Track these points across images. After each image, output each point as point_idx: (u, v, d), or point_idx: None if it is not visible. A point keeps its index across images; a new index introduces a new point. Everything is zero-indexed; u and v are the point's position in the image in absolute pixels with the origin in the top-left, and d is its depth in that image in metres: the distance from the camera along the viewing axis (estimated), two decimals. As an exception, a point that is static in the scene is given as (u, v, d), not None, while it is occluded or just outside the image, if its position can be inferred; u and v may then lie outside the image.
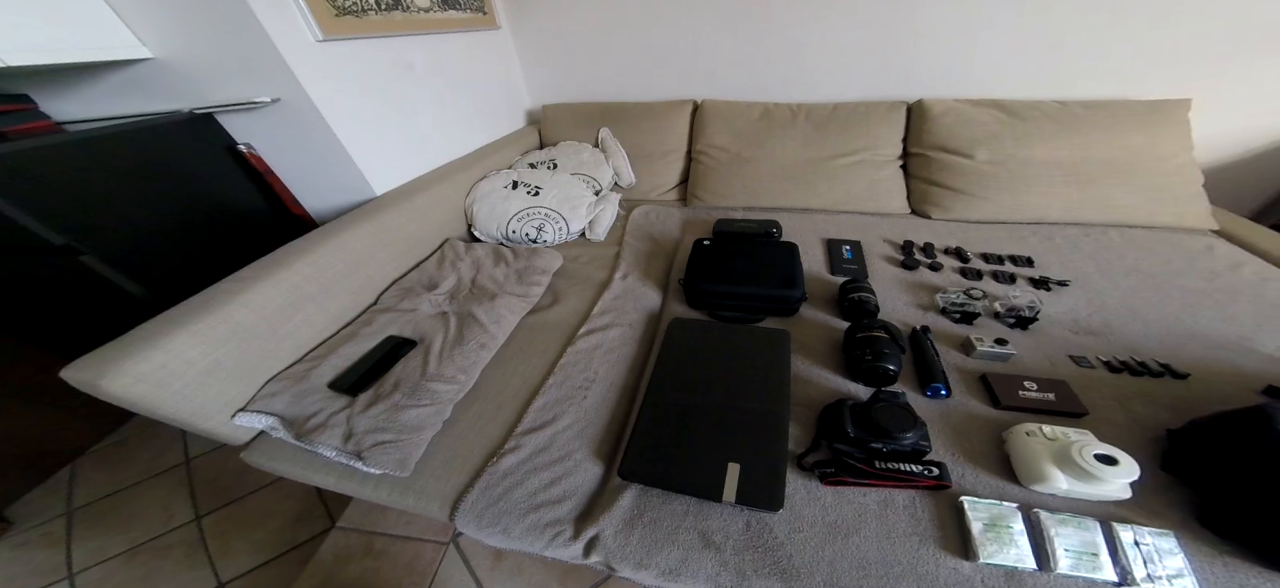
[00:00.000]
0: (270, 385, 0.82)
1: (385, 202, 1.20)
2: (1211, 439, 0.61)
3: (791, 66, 1.62)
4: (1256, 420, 0.57)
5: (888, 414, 0.64)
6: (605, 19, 1.66)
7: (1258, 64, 1.29)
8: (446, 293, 1.10)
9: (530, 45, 1.80)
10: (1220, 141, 1.42)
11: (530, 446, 0.74)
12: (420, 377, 0.82)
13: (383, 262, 1.13)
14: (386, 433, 0.72)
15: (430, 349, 0.89)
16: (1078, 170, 1.28)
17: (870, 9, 1.45)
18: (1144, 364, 0.79)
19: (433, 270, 1.19)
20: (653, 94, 1.77)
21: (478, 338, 0.92)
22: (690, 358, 0.86)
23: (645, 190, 1.67)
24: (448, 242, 1.31)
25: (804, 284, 1.01)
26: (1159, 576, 0.54)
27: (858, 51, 1.53)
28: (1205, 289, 0.99)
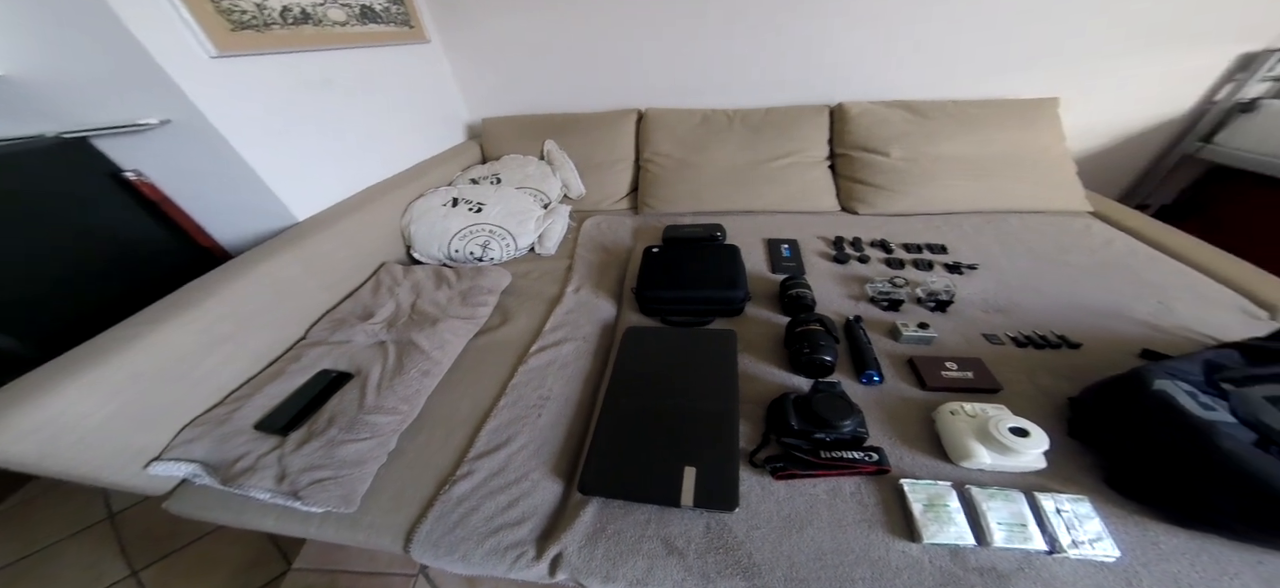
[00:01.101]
0: (187, 431, 0.76)
1: (309, 227, 1.12)
2: (1102, 405, 0.67)
3: (725, 73, 1.68)
4: (1134, 384, 0.64)
5: (826, 404, 0.68)
6: (541, 32, 1.66)
7: (1112, 66, 1.50)
8: (384, 321, 1.04)
9: (465, 59, 1.75)
10: (1087, 133, 1.64)
11: (484, 469, 0.73)
12: (358, 410, 0.78)
13: (310, 292, 1.06)
14: (324, 470, 0.68)
15: (368, 381, 0.84)
16: (977, 164, 1.42)
17: (793, 19, 1.54)
18: (1044, 337, 0.88)
19: (367, 298, 1.12)
20: (597, 104, 1.78)
21: (420, 366, 0.88)
22: (645, 366, 0.87)
23: (597, 200, 1.67)
24: (384, 266, 1.24)
25: (747, 284, 1.05)
26: (1082, 541, 0.57)
27: (784, 58, 1.63)
28: (1087, 265, 1.13)
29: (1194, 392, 0.61)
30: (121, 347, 0.72)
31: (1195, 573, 0.55)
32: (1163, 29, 1.42)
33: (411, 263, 1.34)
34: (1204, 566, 0.55)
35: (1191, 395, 0.59)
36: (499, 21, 1.65)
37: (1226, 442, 0.54)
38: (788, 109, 1.64)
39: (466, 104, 1.87)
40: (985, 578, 0.56)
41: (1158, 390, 0.60)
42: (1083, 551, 0.56)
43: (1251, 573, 0.54)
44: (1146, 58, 1.48)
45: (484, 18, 1.65)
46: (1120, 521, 0.60)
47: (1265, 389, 0.61)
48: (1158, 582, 0.55)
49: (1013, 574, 0.56)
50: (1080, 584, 0.55)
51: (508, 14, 1.63)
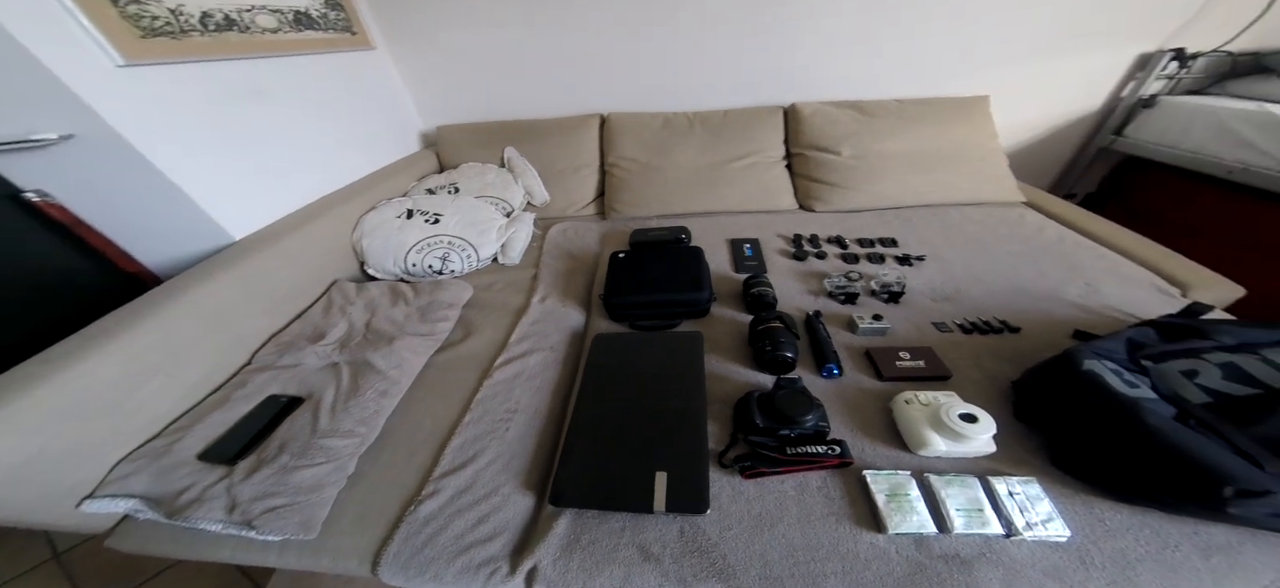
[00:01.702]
0: (123, 466, 0.72)
1: (248, 247, 1.05)
2: (1040, 387, 0.71)
3: (684, 76, 1.71)
4: (1065, 365, 0.68)
5: (788, 401, 0.69)
6: (496, 39, 1.62)
7: (1034, 66, 1.63)
8: (336, 342, 0.99)
9: (417, 66, 1.69)
10: (1017, 129, 1.78)
11: (451, 487, 0.71)
12: (311, 435, 0.75)
13: (252, 316, 0.99)
14: (278, 497, 0.66)
15: (321, 405, 0.81)
16: (920, 159, 1.50)
17: (749, 23, 1.58)
18: (988, 323, 0.94)
19: (318, 319, 1.06)
20: (558, 109, 1.76)
21: (376, 386, 0.85)
22: (614, 373, 0.86)
23: (562, 207, 1.65)
24: (335, 284, 1.18)
25: (711, 285, 1.06)
26: (1034, 522, 0.59)
27: (740, 61, 1.67)
28: (1022, 252, 1.22)
29: (1119, 370, 0.66)
30: (33, 384, 0.66)
31: (1140, 548, 0.58)
32: (1073, 31, 1.55)
33: (366, 280, 1.28)
34: (1147, 540, 0.59)
35: (1117, 374, 0.64)
36: (450, 29, 1.60)
37: (1150, 418, 0.58)
38: (745, 111, 1.68)
39: (420, 112, 1.81)
40: (950, 565, 0.58)
41: (1086, 371, 0.64)
42: (1036, 532, 0.59)
43: (1190, 544, 0.58)
44: (1062, 58, 1.62)
45: (434, 25, 1.60)
46: (1068, 500, 0.63)
47: (1180, 364, 0.67)
48: (1107, 559, 0.57)
49: (975, 560, 0.58)
50: (1038, 566, 0.57)
51: (459, 21, 1.59)
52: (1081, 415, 0.64)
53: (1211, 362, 0.65)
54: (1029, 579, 0.56)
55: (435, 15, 1.58)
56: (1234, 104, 1.44)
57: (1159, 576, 0.55)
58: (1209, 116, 1.48)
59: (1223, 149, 1.44)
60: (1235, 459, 0.55)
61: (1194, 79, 1.61)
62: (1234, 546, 0.57)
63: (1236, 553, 0.57)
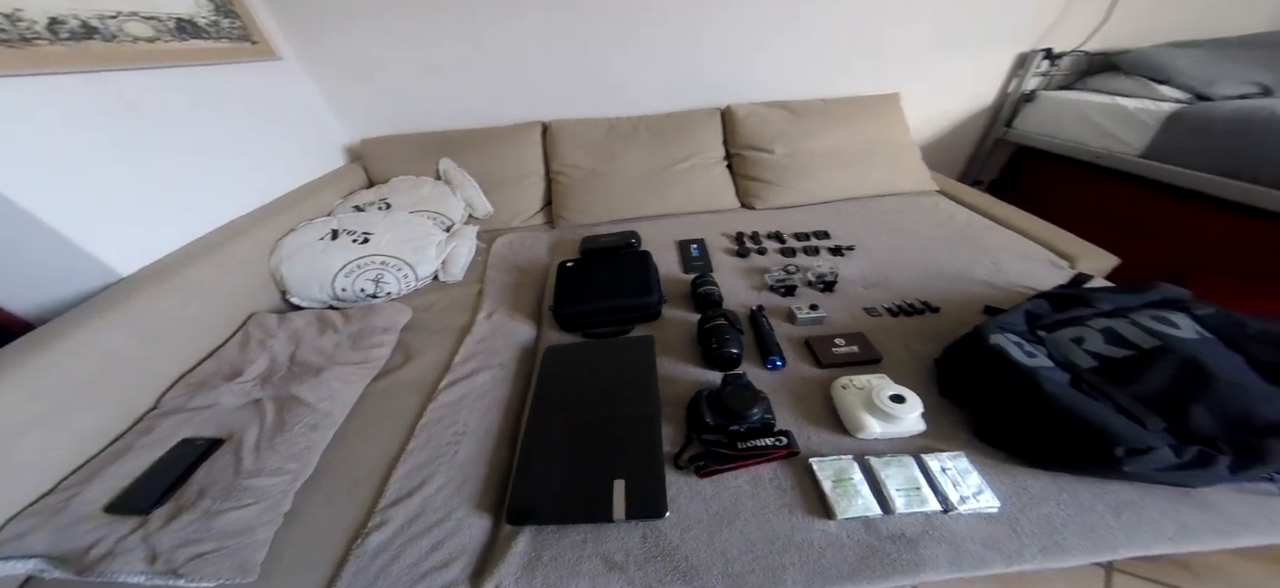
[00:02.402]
0: (15, 525, 0.66)
1: (139, 284, 0.93)
2: (957, 362, 0.77)
3: (624, 81, 1.72)
4: (974, 341, 0.75)
5: (734, 396, 0.71)
6: (420, 47, 1.55)
7: (935, 65, 1.80)
8: (257, 378, 0.91)
9: (333, 76, 1.57)
10: (927, 123, 1.95)
11: (400, 516, 0.68)
12: (234, 476, 0.71)
13: (152, 359, 0.89)
14: (205, 543, 0.63)
15: (243, 445, 0.76)
16: (844, 155, 1.61)
17: (680, 28, 1.62)
18: (912, 305, 1.01)
19: (234, 355, 0.97)
20: (495, 118, 1.71)
21: (306, 420, 0.80)
22: (567, 384, 0.85)
23: (507, 218, 1.61)
24: (253, 317, 1.07)
25: (661, 287, 1.07)
26: (967, 496, 0.62)
27: (675, 64, 1.70)
28: (938, 237, 1.33)
29: (1020, 341, 0.73)
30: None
31: (1062, 512, 0.62)
32: (964, 33, 1.73)
33: (289, 310, 1.18)
34: (1065, 504, 0.63)
35: (1018, 345, 0.72)
36: (368, 38, 1.51)
37: (1048, 386, 0.64)
38: (685, 113, 1.72)
39: (342, 124, 1.68)
40: (898, 545, 0.60)
41: (992, 345, 0.71)
42: (970, 505, 0.62)
43: (1103, 504, 0.62)
44: (958, 58, 1.80)
45: (348, 34, 1.50)
46: (993, 471, 0.67)
47: (1069, 332, 0.76)
48: (1035, 525, 0.61)
49: (920, 537, 0.61)
50: (975, 537, 0.60)
51: (377, 31, 1.50)
52: (992, 388, 0.70)
53: (1094, 328, 0.74)
54: (970, 552, 0.59)
55: (348, 24, 1.48)
56: (1093, 98, 1.67)
57: (1081, 537, 0.60)
58: (1075, 109, 1.70)
59: (1089, 137, 1.66)
60: (1121, 419, 0.61)
61: (1063, 76, 1.84)
62: (1137, 502, 0.62)
63: (1141, 509, 0.62)
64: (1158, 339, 0.68)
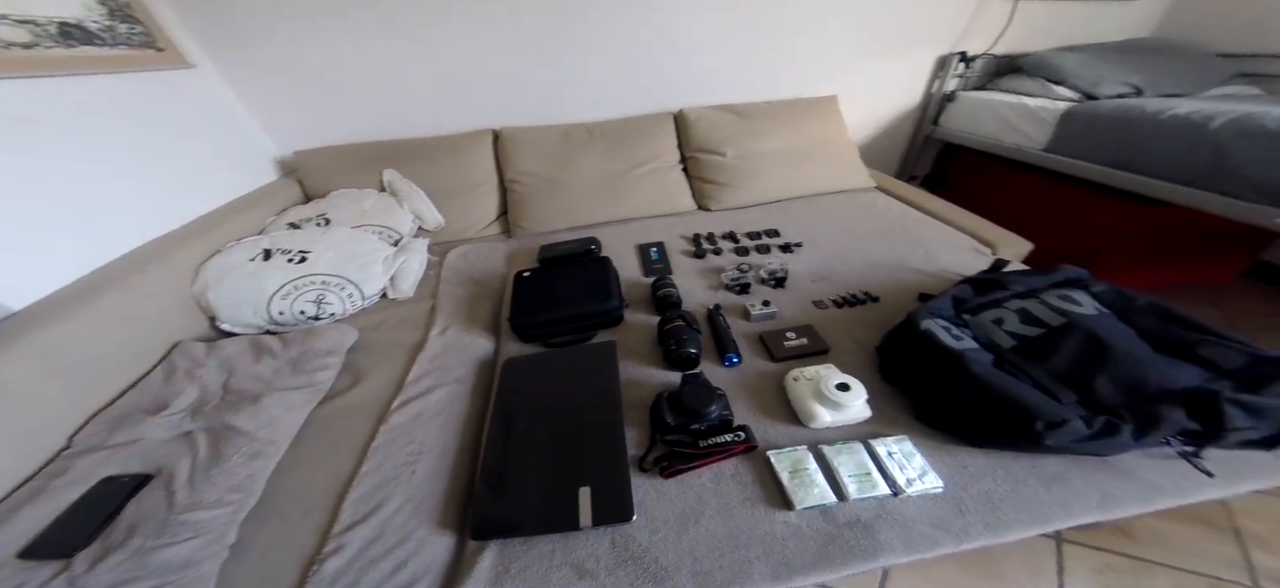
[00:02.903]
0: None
1: (36, 317, 0.83)
2: (895, 349, 0.83)
3: (576, 88, 1.72)
4: (908, 327, 0.80)
5: (693, 395, 0.73)
6: (353, 54, 1.47)
7: (868, 68, 1.92)
8: (185, 410, 0.85)
9: (259, 86, 1.46)
10: (864, 124, 2.08)
11: (357, 540, 0.66)
12: (168, 511, 0.67)
13: (59, 396, 0.81)
14: (142, 581, 0.60)
15: (175, 479, 0.72)
16: (790, 156, 1.68)
17: (630, 35, 1.64)
18: (855, 296, 1.08)
19: (158, 388, 0.89)
20: (441, 127, 1.66)
21: (244, 449, 0.76)
22: (528, 395, 0.85)
23: (460, 229, 1.56)
24: (178, 347, 0.99)
25: (621, 292, 1.08)
26: (913, 478, 0.64)
27: (628, 72, 1.73)
28: (876, 230, 1.42)
29: (948, 326, 0.79)
30: None
31: (999, 488, 0.65)
32: (891, 38, 1.87)
33: (219, 337, 1.09)
34: (1001, 479, 0.66)
35: (946, 329, 0.78)
36: (297, 44, 1.42)
37: (974, 367, 0.70)
38: (640, 118, 1.75)
39: (272, 137, 1.57)
40: (855, 531, 0.62)
41: (924, 330, 0.77)
42: (917, 487, 0.64)
43: (1034, 478, 0.66)
44: (886, 60, 1.93)
45: (271, 40, 1.40)
46: (934, 452, 0.70)
47: (990, 314, 0.83)
48: (976, 502, 0.64)
49: (874, 522, 0.63)
50: (924, 519, 0.63)
51: (305, 36, 1.41)
52: (927, 371, 0.75)
53: (1010, 309, 0.82)
54: (921, 533, 0.62)
55: (272, 30, 1.39)
56: (1003, 97, 1.84)
57: (1018, 510, 0.63)
58: (987, 107, 1.87)
59: (1002, 133, 1.83)
60: (1038, 394, 0.67)
61: (978, 77, 2.02)
62: (1063, 474, 0.66)
63: (1067, 480, 0.66)
64: (1063, 317, 0.76)
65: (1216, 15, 1.87)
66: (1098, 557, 1.02)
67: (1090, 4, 1.92)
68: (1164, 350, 0.71)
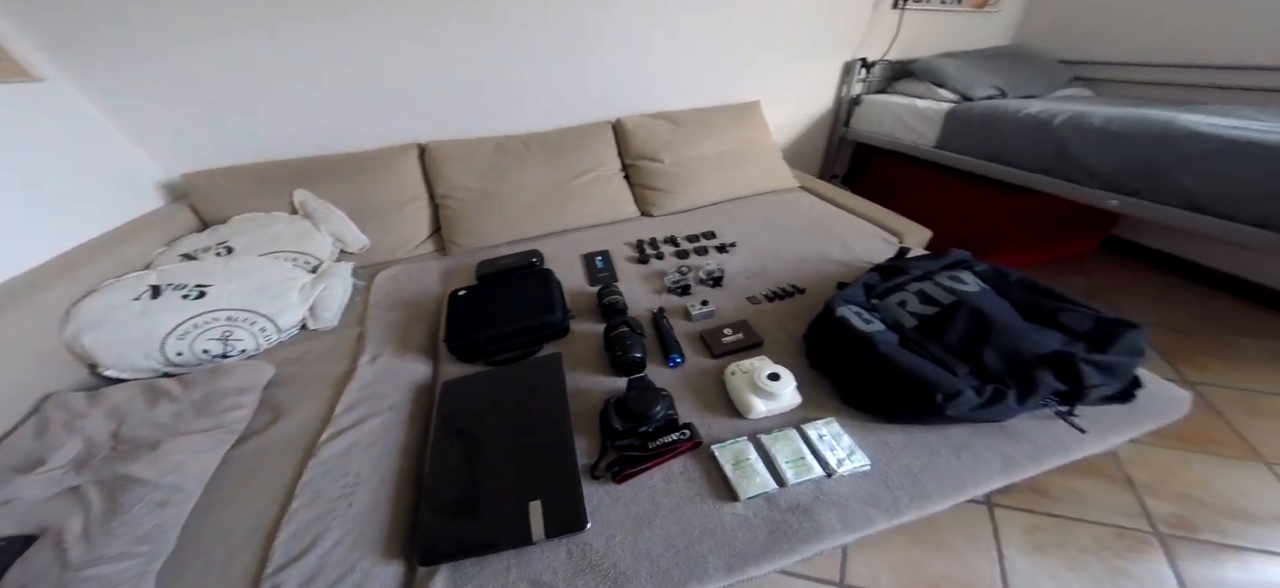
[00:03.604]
0: None
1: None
2: (817, 336, 0.90)
3: (507, 100, 1.70)
4: (825, 314, 0.88)
5: (638, 398, 0.75)
6: (243, 65, 1.35)
7: (786, 74, 2.06)
8: (68, 464, 0.76)
9: (131, 102, 1.29)
10: (787, 127, 2.23)
11: (294, 578, 0.63)
12: (61, 570, 0.61)
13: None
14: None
15: (65, 536, 0.65)
16: (723, 160, 1.77)
17: (562, 45, 1.65)
18: (784, 289, 1.16)
19: (29, 444, 0.79)
20: (358, 142, 1.55)
21: (148, 497, 0.69)
22: (471, 416, 0.83)
23: (390, 249, 1.47)
24: (50, 399, 0.86)
25: (566, 304, 1.08)
26: (843, 458, 0.67)
27: (563, 83, 1.73)
28: (801, 227, 1.53)
29: (860, 311, 0.88)
30: None
31: (918, 461, 0.71)
32: (803, 46, 2.02)
33: (101, 384, 0.95)
34: (918, 452, 0.71)
35: (858, 314, 0.86)
36: (171, 55, 1.27)
37: (882, 347, 0.77)
38: (578, 128, 1.76)
39: (154, 159, 1.38)
40: (797, 515, 0.65)
41: (839, 316, 0.85)
42: (847, 466, 0.68)
43: (947, 448, 0.72)
44: (802, 67, 2.09)
45: (149, 50, 1.24)
46: (859, 432, 0.74)
47: (895, 297, 0.93)
48: (900, 476, 0.69)
49: (813, 504, 0.66)
50: (857, 497, 0.67)
51: (178, 46, 1.26)
52: (844, 355, 0.82)
53: (911, 292, 0.93)
54: (855, 510, 0.66)
55: (143, 40, 1.23)
56: (899, 99, 2.06)
57: (937, 479, 0.69)
58: (887, 109, 2.08)
59: (900, 132, 2.04)
60: (937, 369, 0.75)
61: (878, 81, 2.23)
62: (969, 441, 0.72)
63: (972, 447, 0.72)
64: (953, 295, 0.88)
65: (1057, 27, 2.22)
66: (1025, 518, 1.10)
67: (960, 15, 2.21)
68: (1033, 319, 0.84)
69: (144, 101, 1.30)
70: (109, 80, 1.24)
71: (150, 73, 1.27)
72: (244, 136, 1.44)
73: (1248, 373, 1.46)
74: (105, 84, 1.24)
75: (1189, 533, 1.06)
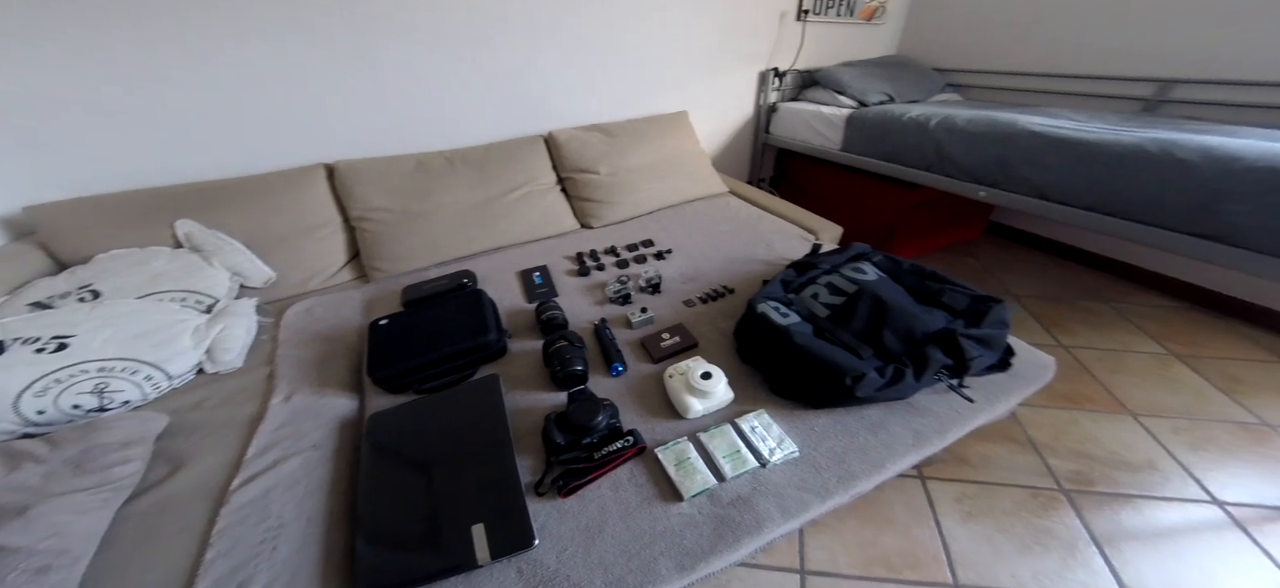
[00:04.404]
0: None
1: None
2: (743, 331, 0.96)
3: (424, 116, 1.63)
4: (748, 310, 0.94)
5: (579, 411, 0.75)
6: (96, 77, 1.17)
7: (709, 84, 2.17)
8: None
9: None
10: (714, 135, 2.34)
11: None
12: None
13: None
14: None
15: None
16: (657, 169, 1.83)
17: (486, 60, 1.63)
18: (716, 291, 1.22)
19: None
20: (253, 164, 1.40)
21: (24, 565, 0.61)
22: (404, 446, 0.80)
23: (301, 281, 1.34)
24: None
25: (501, 323, 1.06)
26: (774, 447, 0.71)
27: (486, 98, 1.69)
28: (730, 229, 1.62)
29: (778, 306, 0.96)
30: None
31: (841, 442, 0.76)
32: (722, 57, 2.15)
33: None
34: (840, 435, 0.76)
35: (776, 309, 0.94)
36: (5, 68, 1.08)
37: (797, 338, 0.84)
38: (506, 143, 1.72)
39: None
40: (738, 508, 0.68)
41: (760, 312, 0.91)
42: (778, 455, 0.71)
43: (865, 429, 0.78)
44: (723, 77, 2.22)
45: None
46: (787, 419, 0.79)
47: (809, 290, 1.02)
48: (827, 458, 0.74)
49: (752, 495, 0.70)
50: (790, 483, 0.71)
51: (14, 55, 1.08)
52: (767, 348, 0.89)
53: (821, 284, 1.02)
54: (789, 497, 0.69)
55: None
56: (807, 106, 2.25)
57: (860, 459, 0.75)
58: (798, 116, 2.27)
59: (811, 137, 2.23)
60: (845, 354, 0.83)
61: (790, 90, 2.42)
62: (882, 420, 0.79)
63: (887, 425, 0.78)
64: (855, 284, 0.98)
65: (930, 40, 2.54)
66: (955, 487, 1.17)
67: (854, 27, 2.45)
68: (923, 301, 0.96)
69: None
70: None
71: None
72: (106, 161, 1.25)
73: (1107, 335, 1.72)
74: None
75: (1087, 487, 1.17)
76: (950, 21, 2.44)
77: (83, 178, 1.23)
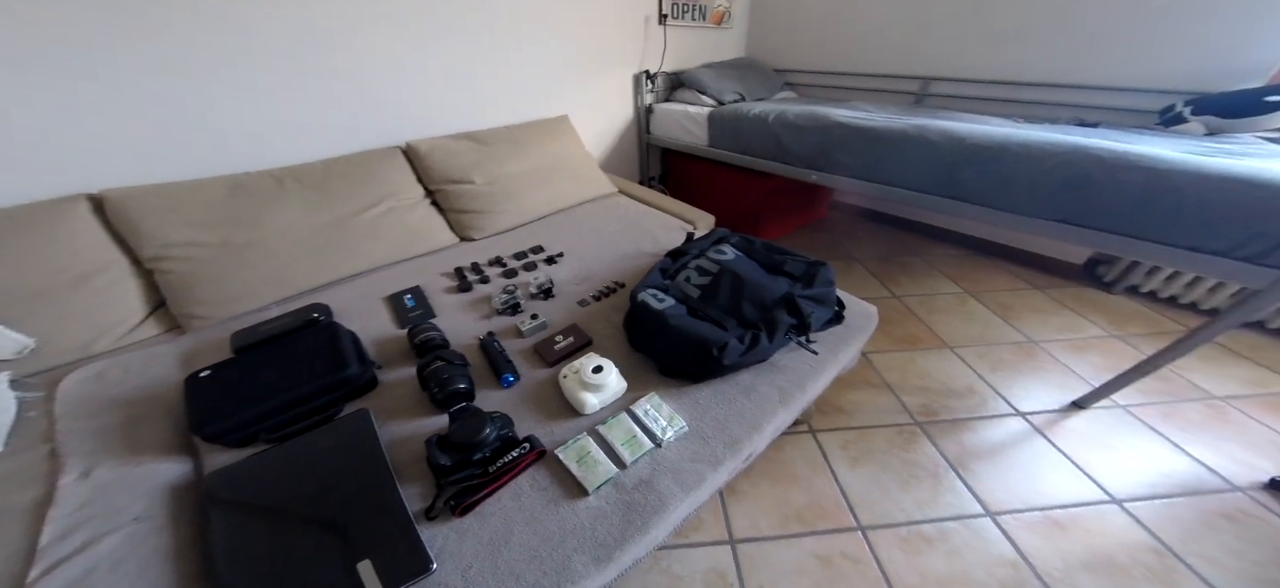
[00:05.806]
0: None
1: None
2: (630, 321, 1.01)
3: (235, 130, 1.37)
4: (631, 300, 0.99)
5: (461, 430, 0.73)
6: None
7: (587, 88, 2.22)
8: None
9: None
10: (600, 137, 2.40)
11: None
12: None
13: None
14: None
15: None
16: (540, 174, 1.81)
17: (315, 66, 1.45)
18: (608, 288, 1.26)
19: None
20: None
21: None
22: (260, 497, 0.71)
23: (81, 344, 1.04)
24: None
25: (363, 354, 0.97)
26: (665, 426, 0.76)
27: (322, 105, 1.51)
28: (619, 228, 1.68)
29: (656, 293, 1.03)
30: None
31: (722, 411, 0.83)
32: (598, 62, 2.21)
33: None
34: (721, 404, 0.83)
35: (655, 296, 1.01)
36: None
37: (672, 320, 0.92)
38: (353, 157, 1.55)
39: None
40: (642, 491, 0.71)
41: (640, 300, 0.98)
42: (670, 433, 0.76)
43: (741, 394, 0.86)
44: (600, 81, 2.28)
45: None
46: (676, 398, 0.84)
47: (683, 275, 1.11)
48: (712, 428, 0.81)
49: (652, 476, 0.73)
50: (684, 458, 0.76)
51: None
52: (649, 333, 0.96)
53: (692, 268, 1.12)
54: (686, 470, 0.74)
55: None
56: (677, 106, 2.42)
57: (739, 423, 0.82)
58: (670, 116, 2.43)
59: (682, 135, 2.40)
60: (712, 328, 0.93)
61: (662, 91, 2.57)
62: (753, 384, 0.88)
63: (757, 388, 0.87)
64: (718, 265, 1.10)
65: (768, 43, 2.88)
66: (839, 436, 1.29)
67: (707, 31, 2.67)
68: (772, 272, 1.11)
69: None
70: None
71: None
72: None
73: (922, 282, 2.13)
74: None
75: (933, 418, 1.34)
76: (779, 26, 2.80)
77: None
